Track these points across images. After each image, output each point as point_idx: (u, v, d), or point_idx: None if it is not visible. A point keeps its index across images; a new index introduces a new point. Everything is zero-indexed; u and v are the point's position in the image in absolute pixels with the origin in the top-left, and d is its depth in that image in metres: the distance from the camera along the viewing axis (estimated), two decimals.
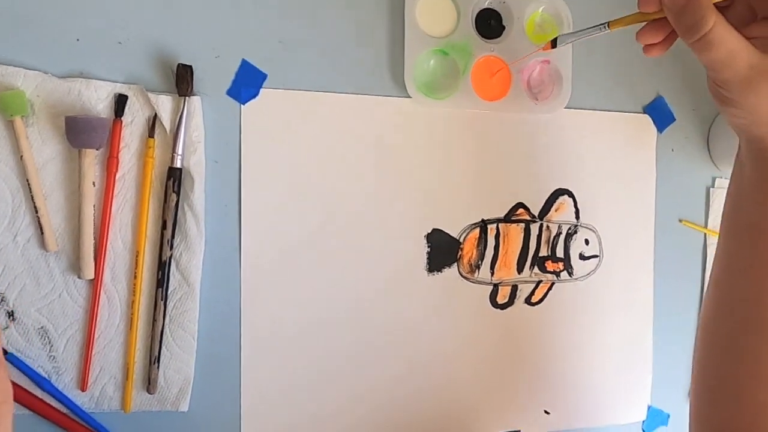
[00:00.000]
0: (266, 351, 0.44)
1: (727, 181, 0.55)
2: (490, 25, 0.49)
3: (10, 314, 0.39)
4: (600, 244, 0.53)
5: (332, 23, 0.45)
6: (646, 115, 0.54)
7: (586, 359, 0.53)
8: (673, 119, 0.55)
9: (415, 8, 0.46)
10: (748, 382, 0.35)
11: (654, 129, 0.54)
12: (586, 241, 0.53)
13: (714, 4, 0.32)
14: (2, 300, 0.39)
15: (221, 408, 0.43)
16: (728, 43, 0.32)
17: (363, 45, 0.46)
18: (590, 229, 0.53)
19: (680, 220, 0.56)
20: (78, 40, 0.40)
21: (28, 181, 0.39)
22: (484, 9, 0.48)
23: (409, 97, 0.46)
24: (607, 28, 0.39)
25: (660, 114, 0.54)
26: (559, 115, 0.51)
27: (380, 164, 0.47)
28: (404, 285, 0.48)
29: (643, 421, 0.55)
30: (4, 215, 0.39)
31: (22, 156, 0.39)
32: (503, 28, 0.49)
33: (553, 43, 0.43)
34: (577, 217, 0.53)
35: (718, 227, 0.54)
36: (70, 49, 0.40)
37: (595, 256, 0.53)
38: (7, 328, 0.39)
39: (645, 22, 0.37)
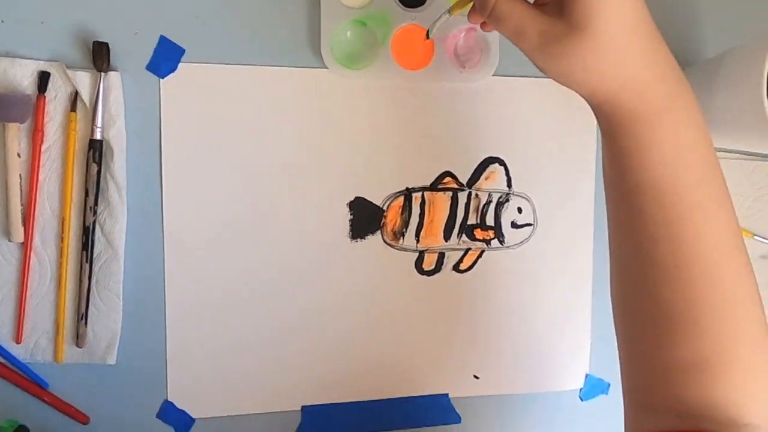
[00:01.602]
0: (190, 309, 0.47)
1: None
2: None
3: None
4: (534, 212, 0.53)
5: None
6: None
7: (518, 325, 0.54)
8: None
9: None
10: (651, 342, 0.35)
11: None
12: (519, 210, 0.53)
13: None
14: None
15: (147, 362, 0.47)
16: (514, 15, 0.33)
17: (280, 18, 0.47)
18: (524, 198, 0.53)
19: None
20: (2, 21, 0.44)
21: None
22: None
23: (326, 68, 0.47)
24: (449, 13, 0.41)
25: None
26: (488, 83, 0.51)
27: (300, 135, 0.48)
28: (327, 252, 0.50)
29: (581, 389, 0.55)
30: None
31: None
32: None
33: (427, 36, 0.46)
34: (509, 185, 0.52)
35: None
36: None
37: (529, 225, 0.53)
38: None
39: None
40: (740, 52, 0.44)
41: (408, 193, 0.51)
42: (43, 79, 0.43)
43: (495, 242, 0.53)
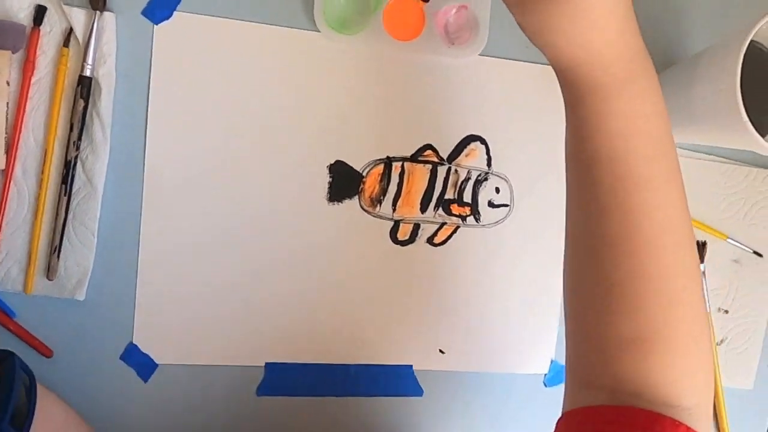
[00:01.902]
0: (163, 255, 0.48)
1: None
2: None
3: None
4: (512, 193, 0.54)
5: None
6: None
7: (487, 305, 0.54)
8: None
9: None
10: (592, 317, 0.36)
11: None
12: (497, 190, 0.54)
13: None
14: None
15: (115, 302, 0.47)
16: None
17: None
18: (502, 178, 0.54)
19: None
20: None
21: None
22: None
23: (318, 30, 0.48)
24: None
25: None
26: (475, 62, 0.52)
27: (286, 94, 0.49)
28: (304, 211, 0.50)
29: (545, 375, 0.56)
30: None
31: None
32: None
33: None
34: (489, 165, 0.53)
35: None
36: None
37: (506, 205, 0.54)
38: None
39: None
40: (716, 50, 0.46)
41: (388, 162, 0.52)
42: (40, 12, 0.45)
43: (471, 219, 0.53)
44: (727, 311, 0.58)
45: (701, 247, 0.57)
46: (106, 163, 0.46)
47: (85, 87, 0.45)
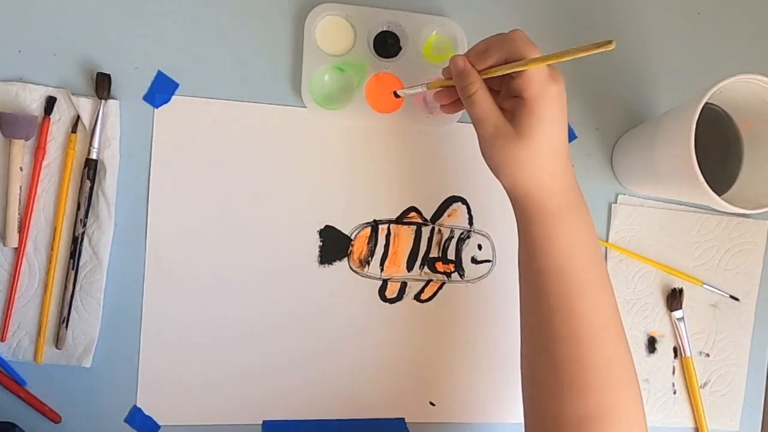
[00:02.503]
0: (164, 322, 0.51)
1: (632, 198, 0.58)
2: (387, 44, 0.54)
3: None
4: (494, 250, 0.57)
5: (240, 41, 0.52)
6: None
7: (475, 357, 0.56)
8: (575, 137, 0.58)
9: (314, 29, 0.52)
10: (545, 399, 0.42)
11: None
12: (479, 246, 0.57)
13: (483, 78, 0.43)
14: None
15: (120, 367, 0.50)
16: (484, 105, 0.42)
17: (267, 60, 0.53)
18: (483, 235, 0.57)
19: None
20: (20, 51, 0.49)
21: None
22: (383, 31, 0.54)
23: (305, 107, 0.52)
24: (425, 87, 0.49)
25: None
26: (453, 128, 0.55)
27: (278, 165, 0.53)
28: (296, 274, 0.53)
29: None
30: None
31: None
32: (401, 48, 0.54)
33: (395, 95, 0.52)
34: (471, 223, 0.57)
35: (618, 242, 0.58)
36: (13, 58, 0.49)
37: (488, 261, 0.57)
38: None
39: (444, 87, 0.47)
40: (675, 114, 0.49)
41: (375, 225, 0.55)
42: (50, 103, 0.49)
43: (455, 275, 0.56)
44: (708, 354, 0.60)
45: (678, 293, 0.59)
46: (111, 237, 0.50)
47: (91, 169, 0.49)
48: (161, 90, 0.51)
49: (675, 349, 0.59)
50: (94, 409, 0.50)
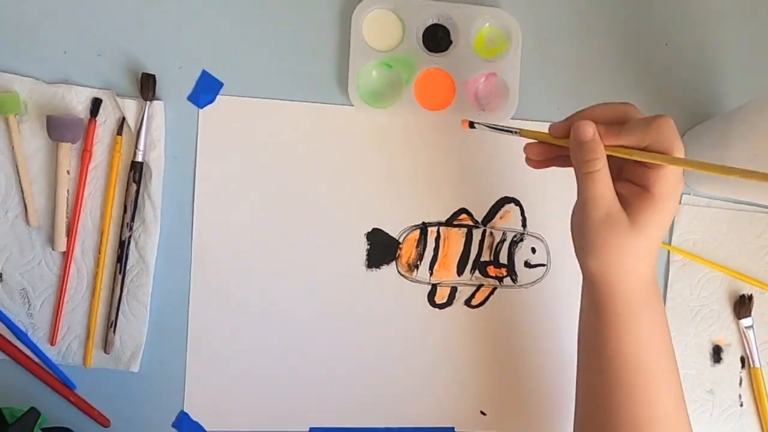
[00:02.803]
0: (211, 326, 0.50)
1: (698, 199, 0.55)
2: (437, 38, 0.52)
3: None
4: (548, 253, 0.54)
5: (285, 38, 0.51)
6: None
7: (528, 365, 0.54)
8: None
9: (361, 24, 0.50)
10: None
11: None
12: (533, 250, 0.54)
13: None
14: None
15: (167, 372, 0.50)
16: (602, 187, 0.39)
17: (313, 57, 0.51)
18: (538, 238, 0.54)
19: None
20: (65, 52, 0.49)
21: (17, 167, 0.47)
22: (433, 24, 0.52)
23: (352, 105, 0.50)
24: (518, 133, 0.44)
25: None
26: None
27: (324, 167, 0.51)
28: (343, 279, 0.52)
29: None
30: None
31: (13, 147, 0.47)
32: (451, 42, 0.52)
33: (471, 125, 0.46)
34: (524, 225, 0.54)
35: (682, 245, 0.54)
36: (58, 59, 0.49)
37: (542, 265, 0.54)
38: None
39: (537, 141, 0.43)
40: (750, 112, 0.45)
41: (424, 227, 0.53)
42: (96, 104, 0.48)
43: (507, 280, 0.54)
44: None
45: (747, 300, 0.56)
46: (157, 240, 0.49)
47: (137, 171, 0.48)
48: (206, 90, 0.50)
49: (742, 359, 0.56)
50: (142, 413, 0.50)
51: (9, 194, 0.48)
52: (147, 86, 0.48)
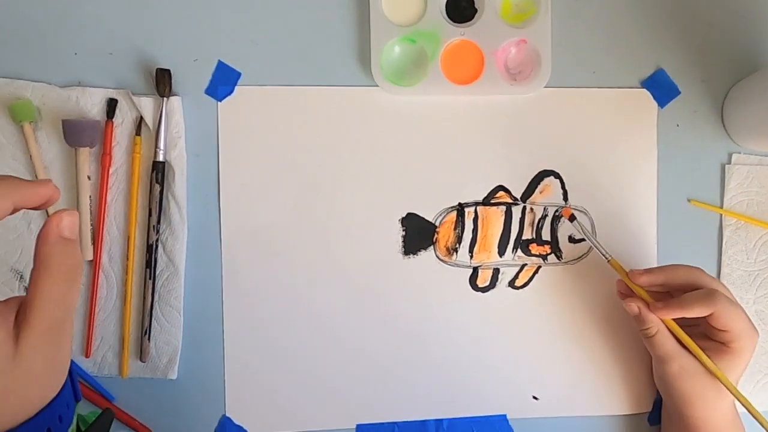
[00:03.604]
0: (247, 326, 0.48)
1: (748, 157, 0.52)
2: (461, 7, 0.49)
3: (27, 290, 0.46)
4: (593, 225, 0.51)
5: (301, 21, 0.48)
6: (644, 90, 0.51)
7: (578, 345, 0.51)
8: (678, 92, 0.52)
9: None
10: None
11: (654, 104, 0.51)
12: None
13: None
14: (21, 277, 0.46)
15: (206, 377, 0.48)
16: (666, 347, 0.45)
17: (331, 38, 0.49)
18: (581, 211, 0.51)
19: (689, 200, 0.52)
20: (76, 54, 0.47)
21: (36, 176, 0.45)
22: None
23: (377, 86, 0.48)
24: (607, 260, 0.48)
25: (661, 88, 0.51)
26: (540, 95, 0.50)
27: (351, 152, 0.49)
28: (380, 267, 0.50)
29: (649, 413, 0.52)
30: None
31: (31, 156, 0.45)
32: (475, 10, 0.49)
33: (571, 218, 0.48)
34: (566, 199, 0.51)
35: (735, 207, 0.51)
36: (69, 62, 0.47)
37: None
38: None
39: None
40: None
41: (460, 209, 0.50)
42: (111, 105, 0.46)
43: (552, 257, 0.51)
44: None
45: None
46: (185, 242, 0.47)
47: (159, 172, 0.46)
48: (223, 81, 0.48)
49: None
50: (184, 420, 0.48)
51: None
52: (163, 81, 0.46)
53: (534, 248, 0.51)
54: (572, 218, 0.48)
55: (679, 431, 0.47)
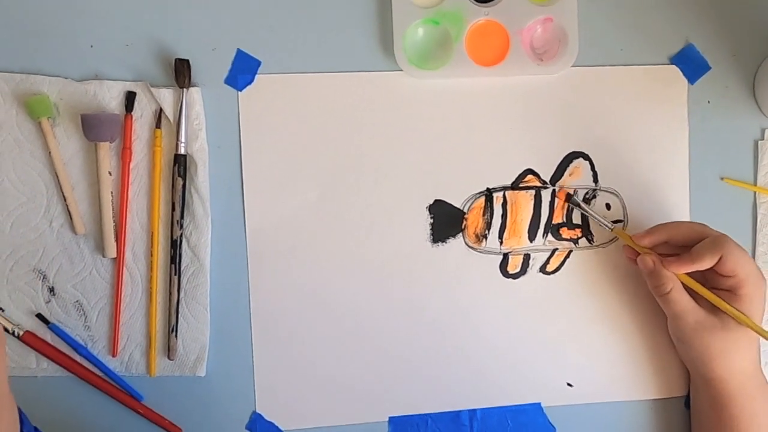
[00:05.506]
0: (275, 320, 0.47)
1: None
2: None
3: (51, 290, 0.45)
4: (624, 207, 0.50)
5: (321, 5, 0.47)
6: (674, 66, 0.50)
7: (612, 330, 0.50)
8: (708, 68, 0.50)
9: None
10: None
11: (684, 80, 0.50)
12: (608, 206, 0.50)
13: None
14: (44, 278, 0.45)
15: (235, 373, 0.47)
16: (681, 303, 0.44)
17: (352, 23, 0.47)
18: (612, 193, 0.50)
19: (722, 178, 0.51)
20: (92, 46, 0.46)
21: (57, 173, 0.44)
22: None
23: (401, 70, 0.47)
24: (611, 230, 0.48)
25: (690, 63, 0.50)
26: (567, 74, 0.49)
27: (376, 138, 0.48)
28: (408, 257, 0.49)
29: (685, 397, 0.51)
30: (40, 205, 0.45)
31: (50, 152, 0.44)
32: None
33: (568, 197, 0.48)
34: (596, 181, 0.50)
35: None
36: (85, 54, 0.45)
37: (619, 221, 0.50)
38: (49, 302, 0.45)
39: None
40: None
41: (489, 194, 0.49)
42: (130, 98, 0.45)
43: (583, 241, 0.50)
44: None
45: None
46: (210, 236, 0.46)
47: (181, 165, 0.45)
48: (243, 70, 0.46)
49: None
50: (214, 418, 0.47)
51: (51, 203, 0.45)
52: (182, 72, 0.45)
53: (565, 232, 0.50)
54: (568, 197, 0.48)
55: (707, 401, 0.46)
